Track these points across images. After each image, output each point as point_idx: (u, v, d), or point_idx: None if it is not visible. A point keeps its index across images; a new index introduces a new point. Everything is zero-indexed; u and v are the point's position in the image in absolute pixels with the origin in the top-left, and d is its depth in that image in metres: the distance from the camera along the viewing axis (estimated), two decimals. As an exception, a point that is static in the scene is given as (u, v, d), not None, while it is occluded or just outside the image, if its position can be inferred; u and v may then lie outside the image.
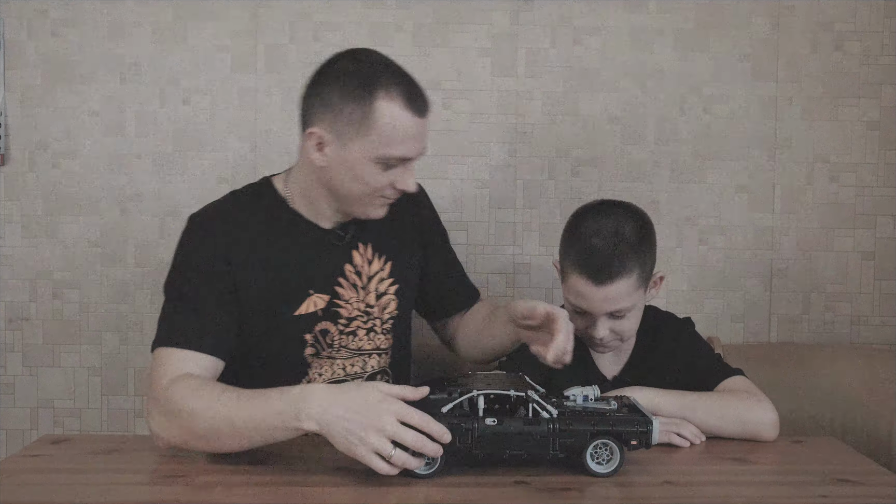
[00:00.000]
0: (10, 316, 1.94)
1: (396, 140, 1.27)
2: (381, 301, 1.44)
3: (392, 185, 1.31)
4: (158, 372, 1.25)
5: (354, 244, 1.42)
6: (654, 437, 1.12)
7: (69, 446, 1.27)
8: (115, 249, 1.94)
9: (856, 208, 1.98)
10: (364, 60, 1.31)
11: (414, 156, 1.30)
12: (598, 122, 1.96)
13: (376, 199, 1.33)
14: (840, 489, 1.11)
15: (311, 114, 1.31)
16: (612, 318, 1.38)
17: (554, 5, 1.94)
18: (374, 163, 1.28)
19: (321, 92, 1.31)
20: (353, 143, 1.27)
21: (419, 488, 1.08)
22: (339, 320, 1.39)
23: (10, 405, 1.95)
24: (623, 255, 1.34)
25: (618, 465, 1.13)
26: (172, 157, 1.94)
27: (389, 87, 1.26)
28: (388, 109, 1.26)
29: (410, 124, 1.27)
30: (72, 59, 1.92)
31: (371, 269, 1.43)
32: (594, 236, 1.36)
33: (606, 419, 1.12)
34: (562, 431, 1.11)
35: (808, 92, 1.96)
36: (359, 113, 1.26)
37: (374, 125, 1.25)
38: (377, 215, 1.36)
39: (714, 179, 1.97)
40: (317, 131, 1.29)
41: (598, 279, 1.33)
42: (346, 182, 1.31)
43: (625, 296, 1.35)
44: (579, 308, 1.39)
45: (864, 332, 1.99)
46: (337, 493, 1.08)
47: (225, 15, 1.92)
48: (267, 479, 1.12)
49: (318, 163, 1.30)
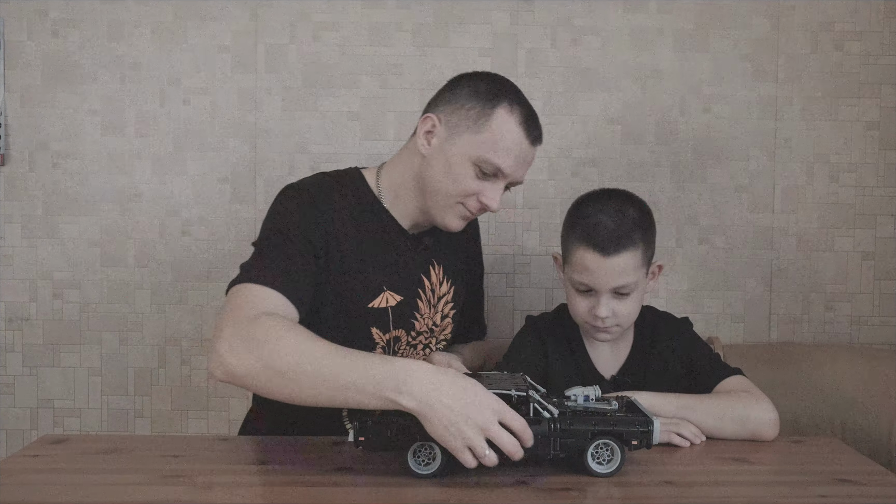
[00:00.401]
0: (10, 316, 1.94)
1: (501, 149, 1.31)
2: (443, 322, 1.47)
3: (478, 195, 1.34)
4: (244, 303, 1.20)
5: (430, 261, 1.44)
6: (655, 437, 1.12)
7: (69, 446, 1.27)
8: (115, 249, 1.94)
9: (856, 208, 1.98)
10: (502, 80, 1.38)
11: (510, 173, 1.34)
12: (598, 122, 1.96)
13: (458, 206, 1.36)
14: (840, 489, 1.11)
15: (434, 103, 1.38)
16: (615, 297, 1.38)
17: (554, 5, 1.94)
18: (472, 164, 1.32)
19: (453, 87, 1.38)
20: (461, 138, 1.32)
21: (420, 488, 1.08)
22: (411, 331, 1.41)
23: (10, 405, 1.95)
24: (628, 229, 1.37)
25: (618, 466, 1.13)
26: (172, 157, 1.94)
27: (514, 103, 1.34)
28: (505, 119, 1.32)
29: (519, 141, 1.33)
30: (72, 59, 1.92)
31: (441, 290, 1.46)
32: (600, 213, 1.39)
33: (607, 419, 1.12)
34: (563, 431, 1.11)
35: (808, 92, 1.96)
36: (478, 111, 1.32)
37: (487, 126, 1.31)
38: (454, 226, 1.38)
39: (714, 179, 1.97)
40: (433, 117, 1.35)
41: (606, 250, 1.35)
42: (439, 176, 1.34)
43: (630, 270, 1.36)
44: (584, 285, 1.39)
45: (864, 332, 1.99)
46: (337, 493, 1.08)
47: (225, 15, 1.92)
48: (267, 479, 1.12)
49: (423, 150, 1.35)
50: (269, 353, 1.12)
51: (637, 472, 1.15)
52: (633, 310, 1.41)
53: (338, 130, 1.93)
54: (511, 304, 1.98)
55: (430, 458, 1.11)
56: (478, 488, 1.09)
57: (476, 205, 1.36)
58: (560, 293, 1.94)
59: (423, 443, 1.11)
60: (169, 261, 1.95)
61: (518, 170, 1.35)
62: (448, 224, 1.37)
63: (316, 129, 1.94)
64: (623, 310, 1.39)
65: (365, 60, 1.93)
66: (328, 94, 1.94)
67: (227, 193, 1.94)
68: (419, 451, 1.11)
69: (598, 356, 1.47)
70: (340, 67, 1.94)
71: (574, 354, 1.47)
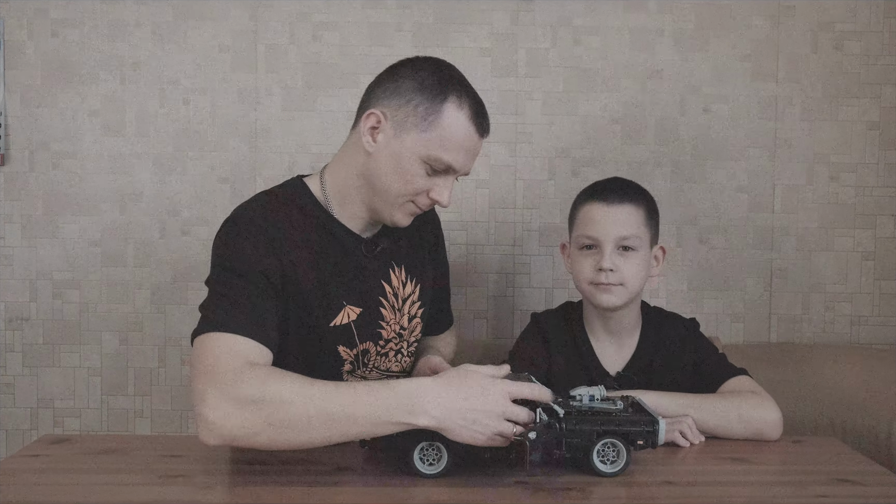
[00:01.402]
0: (10, 316, 1.94)
1: (452, 146, 1.27)
2: (412, 324, 1.43)
3: (428, 192, 1.30)
4: (219, 356, 1.14)
5: (390, 264, 1.40)
6: (660, 437, 1.12)
7: (69, 446, 1.27)
8: (115, 249, 1.94)
9: (856, 208, 1.98)
10: (446, 69, 1.32)
11: (460, 169, 1.30)
12: (598, 122, 1.96)
13: (408, 203, 1.31)
14: (840, 489, 1.11)
15: (376, 97, 1.30)
16: (619, 252, 1.40)
17: (554, 5, 1.94)
18: (422, 162, 1.27)
19: (395, 79, 1.30)
20: (410, 135, 1.26)
21: (420, 488, 1.08)
22: (379, 341, 1.37)
23: (10, 405, 1.95)
24: (633, 188, 1.47)
25: (624, 465, 1.13)
26: (172, 157, 1.94)
27: (462, 96, 1.28)
28: (455, 115, 1.27)
29: (469, 137, 1.28)
30: (72, 59, 1.92)
31: (405, 291, 1.42)
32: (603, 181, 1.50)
33: (613, 419, 1.13)
34: (569, 432, 1.11)
35: (808, 92, 1.96)
36: (426, 107, 1.26)
37: (437, 123, 1.26)
38: (402, 223, 1.34)
39: (714, 179, 1.97)
40: (377, 113, 1.28)
41: (610, 199, 1.43)
42: (387, 174, 1.28)
43: (633, 223, 1.41)
44: (589, 238, 1.42)
45: (864, 332, 1.99)
46: (337, 493, 1.08)
47: (225, 15, 1.92)
48: (268, 479, 1.12)
49: (368, 147, 1.29)
50: (267, 408, 1.08)
51: (638, 472, 1.15)
52: (636, 274, 1.41)
53: (337, 130, 1.93)
54: (511, 304, 1.98)
55: (435, 458, 1.11)
56: (478, 488, 1.09)
57: (426, 201, 1.31)
58: (560, 293, 1.95)
59: (429, 443, 1.11)
60: (169, 261, 1.95)
61: (468, 163, 1.31)
62: (397, 221, 1.33)
63: (316, 129, 1.94)
64: (626, 268, 1.40)
65: (365, 60, 1.93)
66: (328, 94, 1.94)
67: (227, 193, 1.94)
68: (426, 450, 1.11)
69: (603, 353, 1.47)
70: (340, 67, 1.94)
71: (579, 351, 1.47)
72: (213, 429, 1.09)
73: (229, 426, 1.08)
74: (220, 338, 1.16)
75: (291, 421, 1.08)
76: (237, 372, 1.11)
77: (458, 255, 1.96)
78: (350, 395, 1.09)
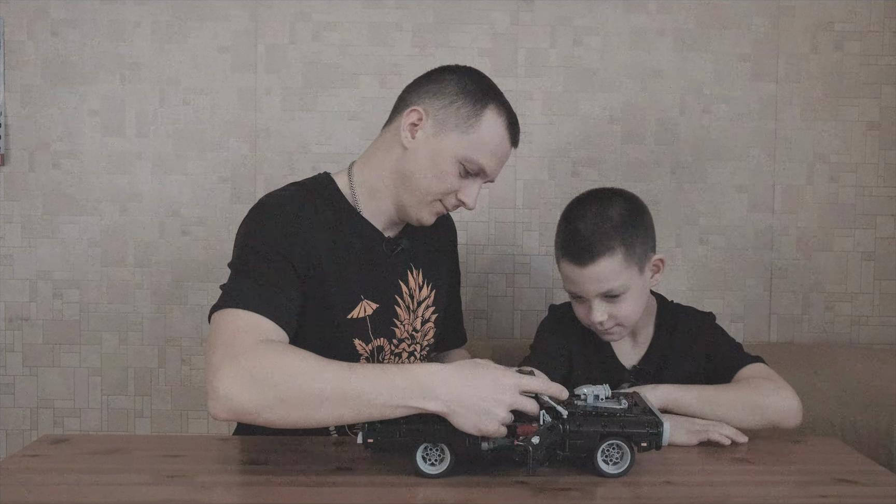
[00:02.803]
0: (10, 316, 1.94)
1: (488, 151, 1.32)
2: (424, 328, 1.45)
3: (456, 193, 1.34)
4: (235, 331, 1.15)
5: (408, 265, 1.43)
6: (664, 438, 1.12)
7: (69, 446, 1.27)
8: (115, 249, 1.94)
9: (856, 208, 1.98)
10: (487, 79, 1.38)
11: (490, 174, 1.35)
12: (598, 122, 1.96)
13: (436, 203, 1.35)
14: (840, 489, 1.11)
15: (418, 95, 1.34)
16: (607, 301, 1.38)
17: (554, 5, 1.94)
18: (458, 162, 1.31)
19: (439, 81, 1.35)
20: (450, 135, 1.31)
21: (421, 488, 1.08)
22: (392, 339, 1.40)
23: (10, 405, 1.95)
24: (604, 236, 1.35)
25: (628, 466, 1.12)
26: (172, 157, 1.94)
27: (500, 106, 1.34)
28: (495, 121, 1.32)
29: (503, 144, 1.34)
30: (72, 59, 1.92)
31: (421, 294, 1.44)
32: (577, 221, 1.38)
33: (617, 420, 1.12)
34: (572, 433, 1.11)
35: (808, 92, 1.96)
36: (468, 110, 1.31)
37: (478, 126, 1.31)
38: (427, 221, 1.37)
39: (714, 179, 1.97)
40: (419, 110, 1.32)
41: (581, 260, 1.35)
42: (422, 171, 1.32)
43: (611, 276, 1.35)
44: (574, 293, 1.41)
45: (864, 332, 1.99)
46: (337, 493, 1.08)
47: (225, 15, 1.92)
48: (268, 479, 1.12)
49: (406, 143, 1.32)
50: (282, 384, 1.08)
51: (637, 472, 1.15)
52: (632, 310, 1.40)
53: (338, 130, 1.93)
54: (511, 305, 1.98)
55: (438, 459, 1.11)
56: (478, 488, 1.09)
57: (454, 202, 1.35)
58: (560, 293, 1.95)
59: (433, 443, 1.11)
60: (169, 261, 1.95)
61: (497, 169, 1.36)
62: (422, 219, 1.36)
63: (316, 129, 1.94)
64: (620, 311, 1.38)
65: (365, 60, 1.93)
66: (328, 94, 1.94)
67: (227, 193, 1.94)
68: (429, 450, 1.11)
69: (619, 346, 1.47)
70: (340, 67, 1.94)
71: (596, 344, 1.47)
72: (225, 402, 1.09)
73: (242, 400, 1.08)
74: (238, 314, 1.17)
75: (305, 398, 1.08)
76: (253, 347, 1.12)
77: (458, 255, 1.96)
78: (364, 376, 1.09)
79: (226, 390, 1.08)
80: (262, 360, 1.10)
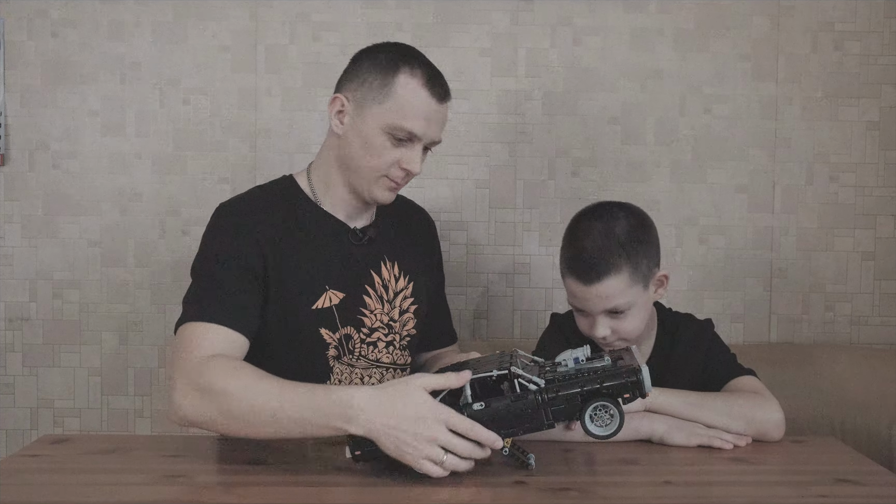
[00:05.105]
0: (10, 316, 1.94)
1: (409, 113, 1.33)
2: (403, 318, 1.47)
3: (398, 163, 1.35)
4: (189, 346, 1.24)
5: (382, 257, 1.45)
6: (646, 385, 1.08)
7: (69, 446, 1.27)
8: (115, 249, 1.94)
9: (856, 208, 1.98)
10: (401, 46, 1.42)
11: (422, 135, 1.35)
12: (598, 122, 1.96)
13: (382, 179, 1.37)
14: (840, 489, 1.11)
15: (340, 84, 1.41)
16: (610, 316, 1.38)
17: (554, 5, 1.94)
18: (385, 133, 1.33)
19: (354, 63, 1.41)
20: (370, 111, 1.34)
21: (420, 488, 1.08)
22: (361, 328, 1.41)
23: (10, 405, 1.95)
24: (610, 254, 1.34)
25: (618, 427, 1.09)
26: (172, 157, 1.94)
27: (414, 66, 1.35)
28: (408, 83, 1.33)
29: (426, 103, 1.34)
30: (72, 59, 1.92)
31: (397, 285, 1.47)
32: (584, 238, 1.38)
33: (593, 378, 1.09)
34: (551, 400, 1.09)
35: (808, 92, 1.96)
36: (380, 80, 1.34)
37: (391, 94, 1.33)
38: (384, 198, 1.39)
39: (714, 179, 1.97)
40: (340, 97, 1.38)
41: (587, 279, 1.35)
42: (358, 153, 1.36)
43: (617, 294, 1.35)
44: (578, 308, 1.41)
45: (864, 332, 1.99)
46: (337, 493, 1.08)
47: (225, 15, 1.92)
48: (268, 479, 1.12)
49: (337, 130, 1.38)
50: (221, 400, 1.16)
51: (637, 472, 1.15)
52: (635, 325, 1.40)
53: (338, 130, 1.93)
54: (511, 304, 1.98)
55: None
56: (477, 488, 1.09)
57: (399, 172, 1.36)
58: (560, 293, 1.94)
59: None
60: (169, 261, 1.95)
61: (430, 130, 1.36)
62: (377, 197, 1.39)
63: (316, 129, 1.93)
64: (623, 327, 1.38)
65: (365, 60, 1.93)
66: (328, 95, 1.92)
67: (226, 193, 1.94)
68: None
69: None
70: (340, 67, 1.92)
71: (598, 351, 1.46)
72: (179, 413, 1.20)
73: (191, 412, 1.18)
74: (194, 327, 1.26)
75: (240, 414, 1.15)
76: (201, 362, 1.20)
77: (458, 255, 1.96)
78: (294, 396, 1.14)
79: (178, 402, 1.19)
80: (205, 375, 1.18)
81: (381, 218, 1.48)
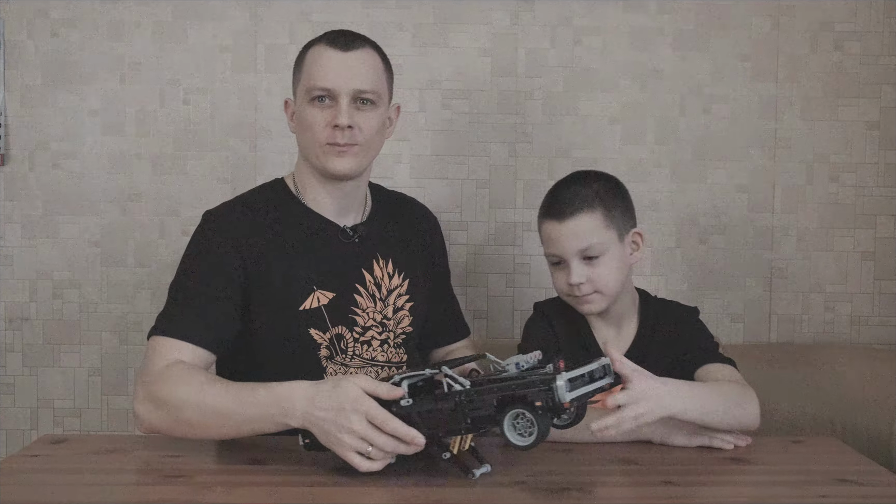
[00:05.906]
0: (10, 316, 1.94)
1: (318, 73, 1.37)
2: (397, 316, 1.47)
3: (330, 124, 1.36)
4: (152, 359, 1.29)
5: (374, 255, 1.45)
6: (559, 395, 1.02)
7: (69, 446, 1.27)
8: (115, 249, 1.94)
9: (856, 208, 1.98)
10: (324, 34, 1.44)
11: (333, 86, 1.36)
12: (598, 122, 1.96)
13: (326, 146, 1.37)
14: (840, 489, 1.11)
15: None
16: (585, 262, 1.39)
17: (554, 5, 1.94)
18: (308, 102, 1.37)
19: None
20: (297, 96, 1.42)
21: (420, 488, 1.08)
22: (354, 328, 1.41)
23: (10, 405, 1.95)
24: (583, 194, 1.41)
25: (536, 438, 1.03)
26: (172, 157, 1.94)
27: (319, 39, 1.41)
28: (313, 51, 1.40)
29: (327, 56, 1.38)
30: (72, 59, 1.92)
31: (391, 283, 1.47)
32: (559, 187, 1.47)
33: (509, 384, 1.06)
34: (469, 402, 1.06)
35: (808, 92, 1.96)
36: (297, 63, 1.43)
37: (302, 65, 1.41)
38: (337, 167, 1.38)
39: (714, 179, 1.97)
40: (289, 100, 1.46)
41: (560, 216, 1.40)
42: (303, 135, 1.40)
43: (589, 232, 1.39)
44: (554, 256, 1.43)
45: (864, 332, 1.99)
46: (337, 493, 1.08)
47: (225, 15, 1.92)
48: (267, 479, 1.13)
49: (291, 130, 1.45)
50: (173, 412, 1.21)
51: (637, 472, 1.15)
52: (610, 276, 1.40)
53: (338, 130, 1.93)
54: (511, 304, 1.98)
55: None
56: (476, 488, 1.09)
57: (335, 134, 1.36)
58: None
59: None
60: (169, 261, 1.95)
61: (341, 78, 1.36)
62: (330, 168, 1.38)
63: (316, 129, 1.93)
64: (598, 274, 1.39)
65: (365, 60, 1.93)
66: (328, 94, 1.93)
67: (227, 193, 1.93)
68: None
69: (603, 339, 1.47)
70: (340, 67, 1.93)
71: (581, 337, 1.47)
72: (141, 421, 1.25)
73: (151, 421, 1.24)
74: (159, 342, 1.31)
75: (191, 421, 1.20)
76: (158, 374, 1.25)
77: (458, 255, 1.96)
78: (238, 397, 1.18)
79: (139, 411, 1.25)
80: (161, 385, 1.24)
81: (375, 215, 1.49)
